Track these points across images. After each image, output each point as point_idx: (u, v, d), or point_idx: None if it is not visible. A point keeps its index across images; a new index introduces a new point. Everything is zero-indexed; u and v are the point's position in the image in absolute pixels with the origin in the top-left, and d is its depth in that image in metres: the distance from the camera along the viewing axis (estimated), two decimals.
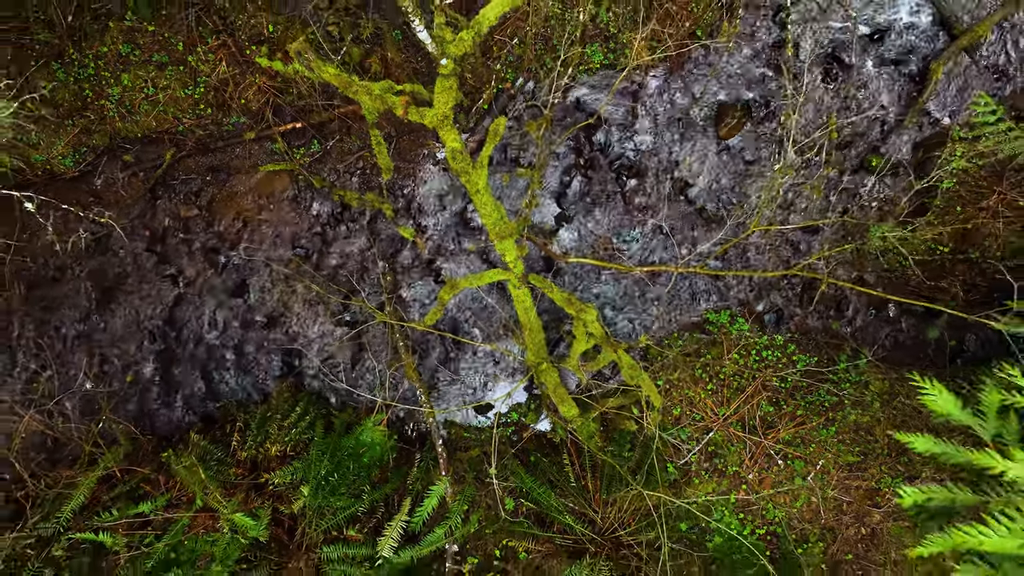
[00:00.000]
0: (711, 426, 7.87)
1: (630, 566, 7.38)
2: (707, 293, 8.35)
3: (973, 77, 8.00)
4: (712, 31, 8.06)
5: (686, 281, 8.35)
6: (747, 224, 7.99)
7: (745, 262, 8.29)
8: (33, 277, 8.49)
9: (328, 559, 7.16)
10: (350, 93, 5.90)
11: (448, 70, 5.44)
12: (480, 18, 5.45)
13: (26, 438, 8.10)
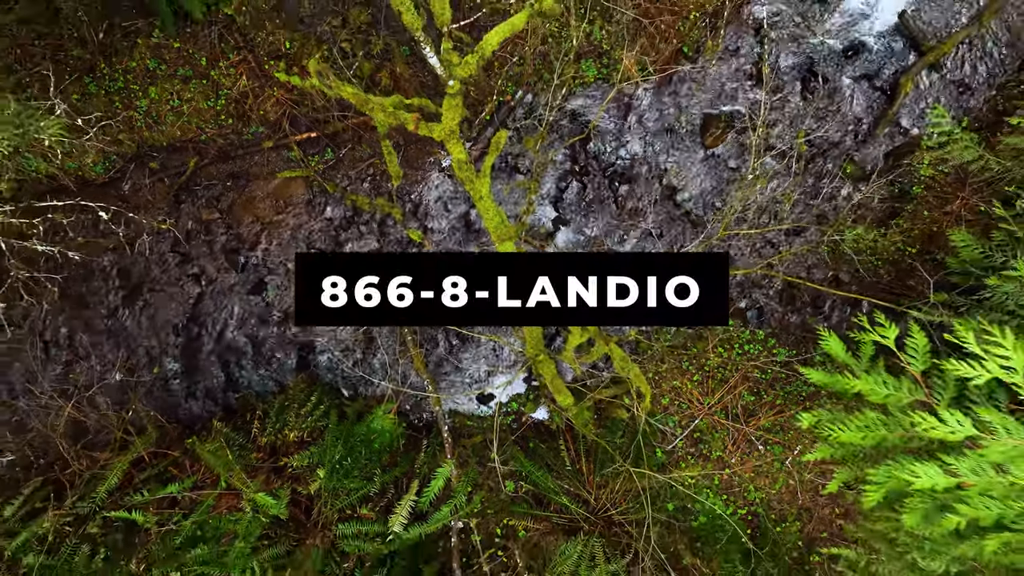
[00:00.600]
0: (696, 414, 8.55)
1: (621, 543, 8.06)
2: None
3: (940, 90, 8.68)
4: (698, 48, 8.75)
5: None
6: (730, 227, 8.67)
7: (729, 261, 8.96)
8: (66, 277, 9.16)
9: (343, 535, 7.84)
10: (366, 110, 6.58)
11: (455, 90, 6.12)
12: (484, 43, 6.13)
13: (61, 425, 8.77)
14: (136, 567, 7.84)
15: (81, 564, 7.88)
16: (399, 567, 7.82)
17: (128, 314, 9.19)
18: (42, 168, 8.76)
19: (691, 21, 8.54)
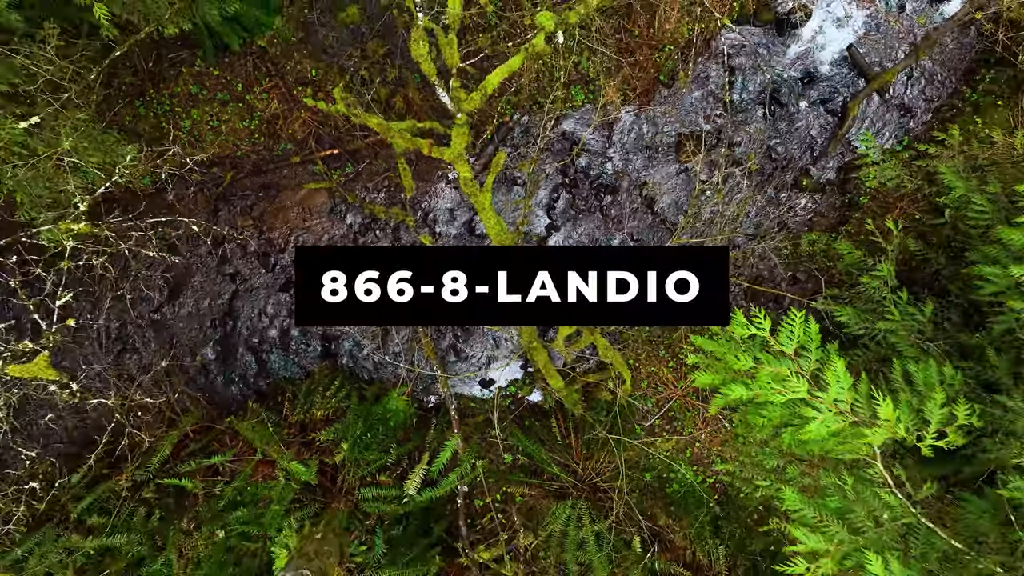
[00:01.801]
0: (671, 396, 9.94)
1: (604, 506, 9.45)
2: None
3: (883, 114, 10.07)
4: (672, 76, 10.13)
5: None
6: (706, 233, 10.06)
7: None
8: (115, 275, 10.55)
9: (365, 498, 9.23)
10: (387, 137, 7.97)
11: (462, 121, 7.50)
12: (486, 83, 7.52)
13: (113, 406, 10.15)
14: (186, 526, 9.24)
15: (139, 523, 9.28)
16: (413, 525, 9.21)
17: (172, 309, 10.58)
18: (99, 183, 10.13)
19: (666, 53, 9.93)
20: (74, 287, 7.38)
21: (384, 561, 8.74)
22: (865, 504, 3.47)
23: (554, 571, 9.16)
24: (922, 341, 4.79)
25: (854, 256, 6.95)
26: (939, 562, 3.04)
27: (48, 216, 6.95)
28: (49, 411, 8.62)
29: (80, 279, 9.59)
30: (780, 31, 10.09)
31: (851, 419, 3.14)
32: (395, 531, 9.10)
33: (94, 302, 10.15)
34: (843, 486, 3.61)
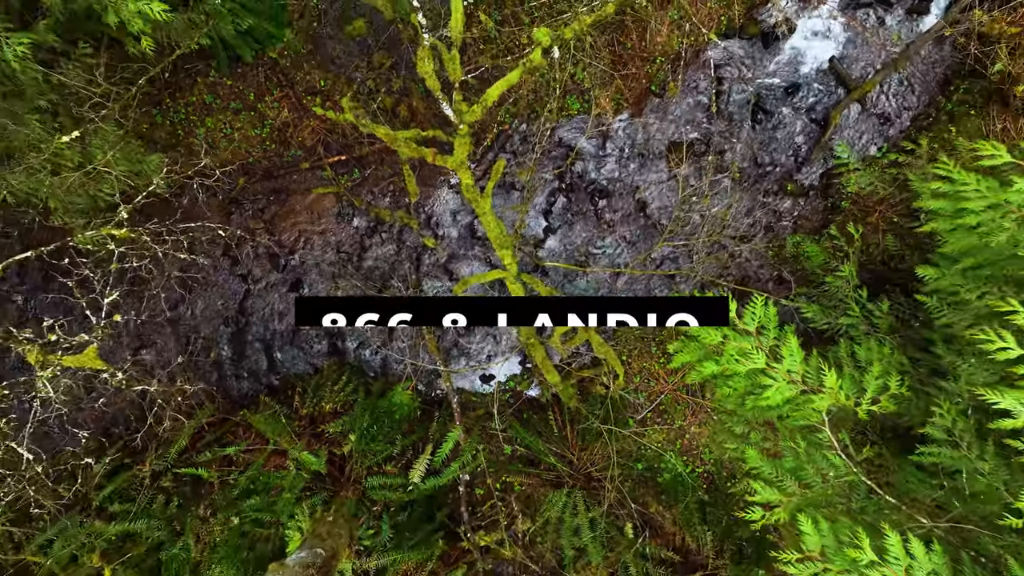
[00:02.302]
0: (662, 390, 10.52)
1: (598, 494, 10.02)
2: (661, 287, 11.02)
3: (863, 122, 10.67)
4: (663, 86, 10.74)
5: (644, 277, 11.01)
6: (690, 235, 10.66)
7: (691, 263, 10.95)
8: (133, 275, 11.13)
9: (371, 486, 9.80)
10: (394, 146, 8.57)
11: (464, 132, 8.10)
12: (486, 96, 8.12)
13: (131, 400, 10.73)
14: (203, 512, 9.82)
15: (158, 510, 9.86)
16: (418, 511, 9.79)
17: (188, 308, 11.17)
18: (116, 187, 10.72)
19: (657, 64, 10.54)
20: (119, 287, 7.96)
21: (390, 545, 9.31)
22: (815, 464, 4.04)
23: (551, 555, 9.73)
24: (880, 335, 5.38)
25: (819, 258, 7.55)
26: (876, 514, 3.60)
27: (80, 222, 7.54)
28: (81, 400, 9.19)
29: (121, 279, 10.18)
30: (765, 44, 10.70)
31: (801, 387, 3.71)
32: (401, 517, 9.68)
33: (138, 300, 10.74)
34: (797, 449, 4.18)
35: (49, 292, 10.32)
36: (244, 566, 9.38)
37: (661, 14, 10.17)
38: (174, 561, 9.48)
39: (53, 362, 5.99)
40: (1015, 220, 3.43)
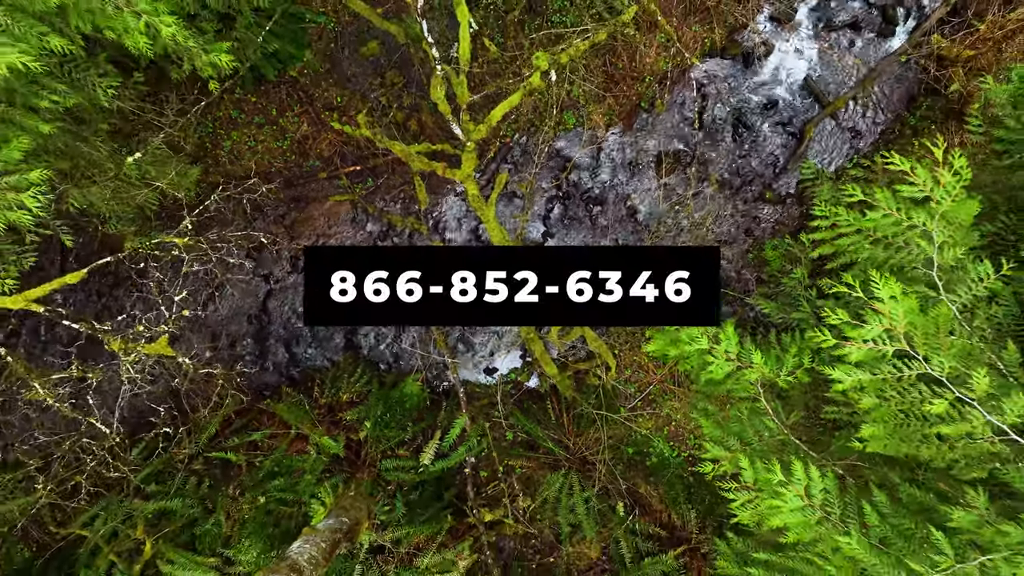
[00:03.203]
0: (651, 382, 11.62)
1: (592, 476, 11.12)
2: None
3: (836, 135, 11.78)
4: (652, 102, 11.84)
5: None
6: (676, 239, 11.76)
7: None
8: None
9: (385, 468, 10.89)
10: (408, 160, 9.67)
11: (470, 148, 9.20)
12: (490, 116, 9.22)
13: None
14: (232, 492, 10.91)
15: (191, 490, 10.95)
16: (428, 491, 10.88)
17: (215, 306, 12.28)
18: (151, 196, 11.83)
19: (646, 83, 11.64)
20: (185, 286, 9.09)
21: (404, 520, 10.39)
22: (754, 427, 5.11)
23: (548, 530, 10.83)
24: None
25: (777, 263, 8.66)
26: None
27: (131, 229, 8.65)
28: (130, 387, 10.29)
29: (184, 280, 11.31)
30: (746, 64, 11.80)
31: (736, 364, 4.79)
32: (412, 496, 10.77)
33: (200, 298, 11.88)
34: (741, 416, 5.26)
35: (118, 291, 11.43)
36: (270, 540, 10.46)
37: (649, 37, 11.27)
38: (207, 535, 10.56)
39: (133, 350, 7.08)
40: (870, 242, 4.51)
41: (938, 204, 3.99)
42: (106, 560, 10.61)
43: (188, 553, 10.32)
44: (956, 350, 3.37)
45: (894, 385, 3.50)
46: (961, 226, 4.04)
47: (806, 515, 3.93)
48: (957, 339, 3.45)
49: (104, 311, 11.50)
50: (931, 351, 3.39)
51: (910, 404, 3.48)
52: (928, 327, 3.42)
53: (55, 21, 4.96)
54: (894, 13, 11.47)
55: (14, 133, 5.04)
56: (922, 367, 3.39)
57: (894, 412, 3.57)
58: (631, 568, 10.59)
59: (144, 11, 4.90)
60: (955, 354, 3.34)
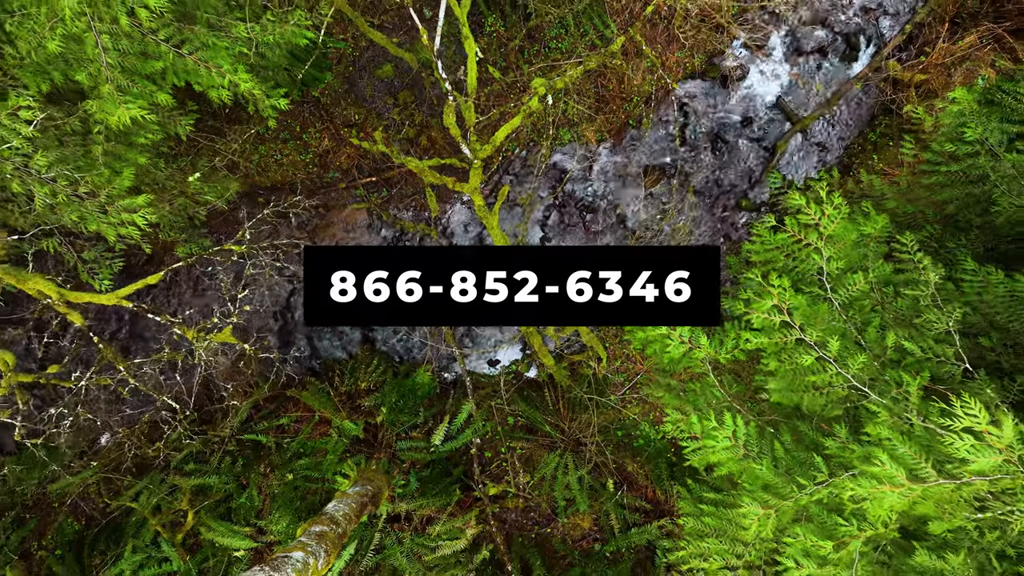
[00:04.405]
0: (638, 371, 13.11)
1: (585, 456, 12.61)
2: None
3: (805, 149, 13.28)
4: (639, 120, 13.34)
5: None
6: (662, 243, 13.24)
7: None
8: (195, 277, 13.72)
9: (400, 449, 12.38)
10: (421, 175, 11.16)
11: (477, 165, 10.69)
12: (495, 137, 10.71)
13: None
14: (263, 470, 12.40)
15: (226, 469, 12.44)
16: (438, 469, 12.38)
17: (241, 304, 13.76)
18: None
19: (633, 103, 13.14)
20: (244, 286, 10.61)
21: (417, 494, 11.88)
22: (705, 396, 6.56)
23: (546, 504, 12.32)
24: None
25: (736, 267, 10.17)
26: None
27: (182, 236, 10.14)
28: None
29: (240, 281, 12.82)
30: (724, 84, 13.30)
31: (688, 346, 6.24)
32: (425, 473, 12.26)
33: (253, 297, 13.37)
34: (695, 388, 6.73)
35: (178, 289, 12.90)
36: (297, 512, 11.94)
37: (636, 63, 12.77)
38: (242, 508, 12.05)
39: (204, 339, 8.56)
40: (783, 255, 5.97)
41: (824, 229, 5.48)
42: (151, 531, 12.10)
43: (226, 523, 11.81)
44: (823, 325, 4.86)
45: (783, 347, 4.99)
46: (844, 244, 5.54)
47: (733, 452, 5.42)
48: (828, 317, 4.94)
49: (169, 306, 13.03)
50: (807, 325, 4.87)
51: (794, 365, 4.95)
52: (809, 312, 4.91)
53: (157, 79, 6.46)
54: (857, 40, 12.97)
55: (123, 166, 6.53)
56: (798, 334, 4.88)
57: (787, 371, 5.04)
58: (619, 537, 12.08)
59: (227, 71, 6.40)
60: (822, 328, 4.82)
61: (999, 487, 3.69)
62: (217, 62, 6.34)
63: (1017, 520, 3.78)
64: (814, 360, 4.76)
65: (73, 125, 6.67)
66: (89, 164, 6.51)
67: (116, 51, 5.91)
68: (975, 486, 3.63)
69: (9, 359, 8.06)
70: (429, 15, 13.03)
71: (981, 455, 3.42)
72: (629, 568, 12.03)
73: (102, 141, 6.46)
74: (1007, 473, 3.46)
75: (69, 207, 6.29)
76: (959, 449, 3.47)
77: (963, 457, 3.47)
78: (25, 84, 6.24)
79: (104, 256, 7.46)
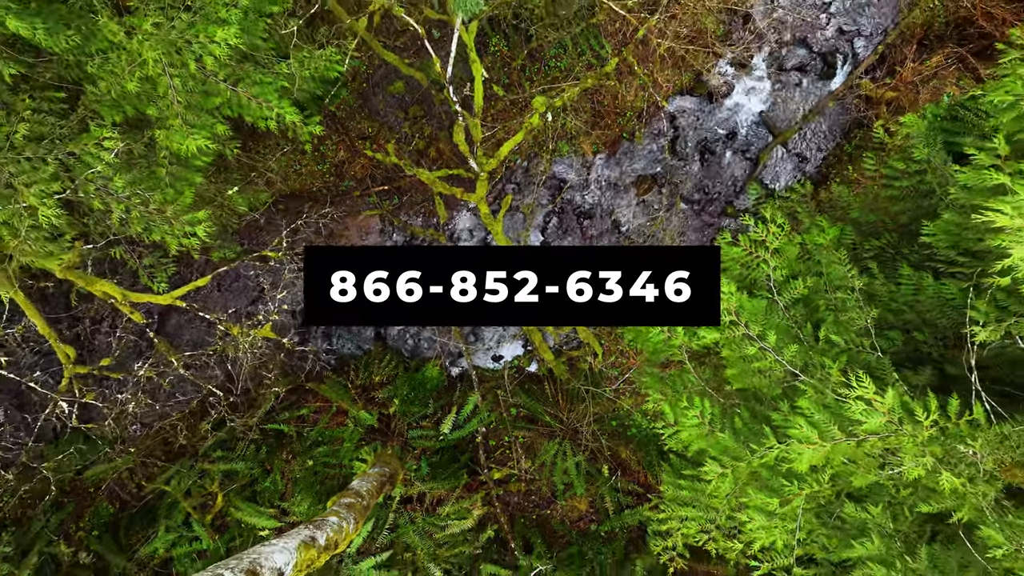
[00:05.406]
0: (631, 366, 14.32)
1: (582, 444, 13.83)
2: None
3: (786, 161, 14.49)
4: (633, 133, 14.55)
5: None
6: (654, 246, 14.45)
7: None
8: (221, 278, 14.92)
9: (412, 437, 13.59)
10: (431, 185, 12.37)
11: (484, 177, 11.90)
12: (499, 152, 11.92)
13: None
14: (285, 457, 13.61)
15: (250, 455, 13.65)
16: (447, 455, 13.60)
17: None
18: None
19: (627, 117, 14.36)
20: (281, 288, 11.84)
21: (428, 478, 13.10)
22: (682, 380, 7.76)
23: (546, 487, 13.55)
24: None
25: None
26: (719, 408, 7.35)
27: (216, 242, 11.34)
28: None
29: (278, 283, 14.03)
30: (710, 100, 14.51)
31: (667, 335, 7.44)
32: (435, 459, 13.48)
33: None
34: (675, 374, 7.94)
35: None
36: (317, 495, 13.16)
37: (629, 80, 13.99)
38: (266, 491, 13.27)
39: (248, 334, 9.77)
40: (739, 264, 7.19)
41: (770, 244, 6.70)
42: (182, 513, 13.32)
43: (252, 504, 13.03)
44: (764, 322, 6.07)
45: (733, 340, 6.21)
46: (788, 257, 6.76)
47: (700, 429, 6.64)
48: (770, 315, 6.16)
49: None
50: (751, 321, 6.08)
51: (742, 353, 6.16)
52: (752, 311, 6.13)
53: (215, 113, 7.67)
54: (834, 59, 14.18)
55: (184, 185, 7.75)
56: (744, 330, 6.09)
57: (739, 358, 6.25)
58: (613, 518, 13.31)
59: (274, 104, 7.61)
60: (763, 323, 6.04)
61: (891, 445, 4.91)
62: (266, 97, 7.55)
63: (907, 472, 4.99)
64: (757, 350, 5.97)
65: (139, 150, 7.88)
66: (155, 184, 7.72)
67: (184, 90, 7.12)
68: (871, 443, 4.84)
69: (70, 352, 9.27)
70: (438, 35, 14.23)
71: (871, 417, 4.63)
72: (622, 546, 13.25)
73: (167, 164, 7.66)
74: (891, 432, 4.67)
75: (140, 221, 7.51)
76: (855, 412, 4.68)
77: (858, 419, 4.68)
78: (102, 116, 7.46)
79: (161, 261, 8.64)
